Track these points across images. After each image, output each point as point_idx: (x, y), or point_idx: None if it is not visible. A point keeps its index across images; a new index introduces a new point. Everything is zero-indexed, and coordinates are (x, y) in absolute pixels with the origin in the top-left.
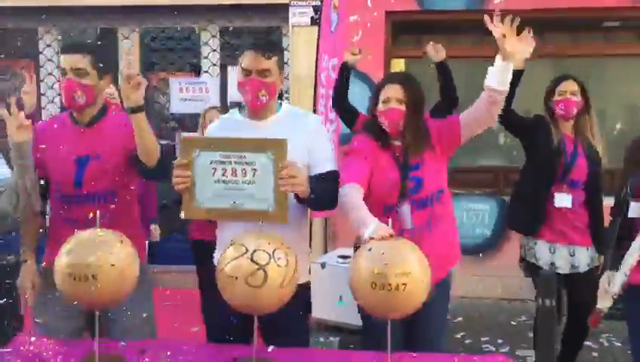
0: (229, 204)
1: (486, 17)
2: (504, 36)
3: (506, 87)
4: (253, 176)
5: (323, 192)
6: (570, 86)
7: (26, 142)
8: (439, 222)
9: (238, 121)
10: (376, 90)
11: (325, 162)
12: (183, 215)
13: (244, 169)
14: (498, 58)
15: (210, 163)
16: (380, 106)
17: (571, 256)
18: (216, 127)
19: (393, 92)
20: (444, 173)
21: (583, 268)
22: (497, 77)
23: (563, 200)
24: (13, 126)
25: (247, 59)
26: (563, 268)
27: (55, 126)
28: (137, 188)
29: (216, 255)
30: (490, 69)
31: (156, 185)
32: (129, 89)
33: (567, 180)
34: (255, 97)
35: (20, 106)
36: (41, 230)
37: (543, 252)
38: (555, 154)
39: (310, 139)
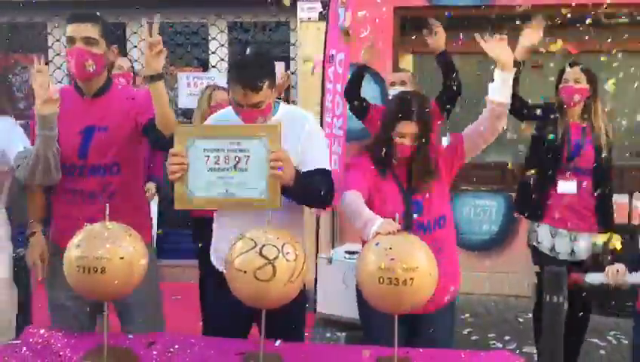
0: (222, 192)
1: (477, 38)
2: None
3: (508, 100)
4: (246, 163)
5: (308, 184)
6: (573, 74)
7: (52, 114)
8: (443, 247)
9: (232, 120)
10: (391, 120)
11: (317, 161)
12: (175, 205)
13: (237, 156)
14: (496, 71)
15: (204, 151)
16: (397, 140)
17: (572, 241)
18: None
19: (410, 129)
20: (448, 197)
21: (582, 255)
22: (498, 90)
23: (566, 186)
24: (41, 98)
25: (237, 93)
26: (563, 253)
27: (62, 97)
28: (141, 162)
29: (212, 251)
30: (490, 84)
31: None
32: (151, 56)
33: (572, 167)
34: (252, 122)
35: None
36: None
37: (545, 236)
38: (560, 141)
39: (303, 139)
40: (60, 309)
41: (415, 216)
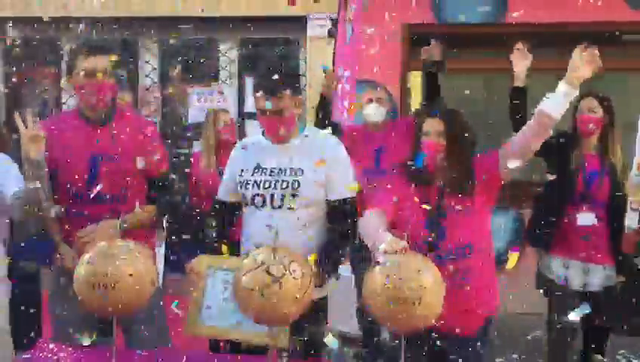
0: (232, 323)
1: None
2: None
3: (559, 115)
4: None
5: (337, 261)
6: (588, 103)
7: (39, 156)
8: (469, 277)
9: (259, 142)
10: (418, 123)
11: (342, 189)
12: (184, 330)
13: None
14: (561, 83)
15: (222, 282)
16: (423, 139)
17: (585, 273)
18: (239, 148)
19: (433, 125)
20: (481, 224)
21: (595, 287)
22: (556, 103)
23: (585, 219)
24: (26, 138)
25: (260, 101)
26: (575, 285)
27: (65, 123)
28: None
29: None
30: (548, 95)
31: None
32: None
33: (587, 198)
34: (275, 134)
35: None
36: None
37: (557, 266)
38: (574, 171)
39: (328, 165)
40: (64, 328)
41: (437, 241)
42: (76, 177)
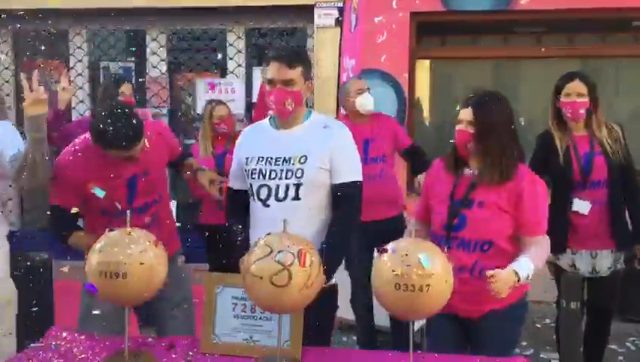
0: (246, 338)
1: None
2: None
3: (540, 266)
4: (271, 312)
5: (338, 259)
6: (576, 87)
7: (41, 116)
8: (484, 270)
9: (264, 129)
10: (458, 112)
11: (345, 174)
12: (201, 347)
13: None
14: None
15: (232, 298)
16: (457, 126)
17: (593, 258)
18: (244, 135)
19: (464, 115)
20: (503, 225)
21: (603, 272)
22: (531, 268)
23: (580, 206)
24: (30, 99)
25: (271, 70)
26: (583, 270)
27: (86, 155)
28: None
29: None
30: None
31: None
32: None
33: (588, 182)
34: (281, 106)
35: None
36: None
37: (565, 254)
38: (568, 162)
39: (333, 150)
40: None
41: (456, 230)
42: (114, 200)
